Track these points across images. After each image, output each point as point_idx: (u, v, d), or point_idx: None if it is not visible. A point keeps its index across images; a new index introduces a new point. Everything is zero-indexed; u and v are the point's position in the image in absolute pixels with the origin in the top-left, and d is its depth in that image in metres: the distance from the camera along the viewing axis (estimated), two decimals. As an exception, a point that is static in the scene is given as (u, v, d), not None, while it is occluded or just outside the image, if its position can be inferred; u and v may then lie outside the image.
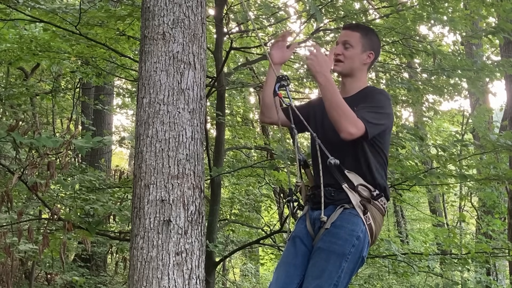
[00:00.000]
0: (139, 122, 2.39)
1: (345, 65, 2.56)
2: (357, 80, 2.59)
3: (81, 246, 8.26)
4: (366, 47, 2.59)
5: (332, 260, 2.34)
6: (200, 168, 2.38)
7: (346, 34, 2.59)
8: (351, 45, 2.56)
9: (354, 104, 2.44)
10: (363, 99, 2.47)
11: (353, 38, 2.57)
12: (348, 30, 2.62)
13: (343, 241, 2.35)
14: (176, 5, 2.43)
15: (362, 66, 2.59)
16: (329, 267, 2.32)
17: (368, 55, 2.60)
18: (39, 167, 4.41)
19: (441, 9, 5.18)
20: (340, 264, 2.33)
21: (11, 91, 6.85)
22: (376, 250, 6.11)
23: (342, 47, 2.57)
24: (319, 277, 2.32)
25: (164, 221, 2.24)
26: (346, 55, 2.55)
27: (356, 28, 2.63)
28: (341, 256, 2.34)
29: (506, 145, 4.50)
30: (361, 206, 2.40)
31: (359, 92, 2.56)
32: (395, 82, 6.37)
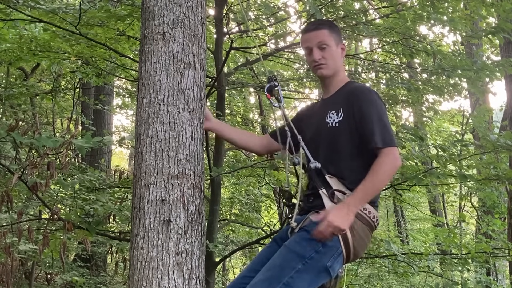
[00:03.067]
0: (139, 122, 2.39)
1: (330, 66, 2.51)
2: (339, 76, 2.56)
3: (81, 246, 8.27)
4: (337, 40, 2.54)
5: (289, 258, 2.25)
6: (200, 168, 2.38)
7: (315, 36, 2.51)
8: (326, 44, 2.49)
9: (340, 101, 2.44)
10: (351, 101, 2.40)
11: (324, 37, 2.50)
12: (314, 31, 2.53)
13: (306, 243, 2.25)
14: (176, 5, 2.43)
15: (340, 61, 2.56)
16: (284, 263, 2.24)
17: (341, 47, 2.56)
18: (39, 167, 4.40)
19: (441, 9, 5.18)
20: (295, 265, 2.22)
21: (11, 91, 6.85)
22: (376, 250, 6.11)
23: (318, 50, 2.50)
24: (269, 270, 2.26)
25: (164, 221, 2.24)
26: (326, 56, 2.50)
27: (321, 26, 2.54)
28: (300, 257, 2.23)
29: (506, 145, 4.50)
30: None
31: (342, 88, 2.53)
32: (395, 82, 6.37)
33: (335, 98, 2.50)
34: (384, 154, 2.27)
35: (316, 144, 2.47)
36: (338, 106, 2.44)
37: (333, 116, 2.45)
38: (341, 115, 2.42)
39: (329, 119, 2.45)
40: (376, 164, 2.26)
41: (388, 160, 2.26)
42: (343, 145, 2.40)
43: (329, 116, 2.46)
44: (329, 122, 2.45)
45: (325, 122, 2.46)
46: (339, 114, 2.43)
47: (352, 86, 2.52)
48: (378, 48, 6.50)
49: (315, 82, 7.08)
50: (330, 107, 2.49)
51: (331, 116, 2.45)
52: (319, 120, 2.51)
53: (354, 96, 2.41)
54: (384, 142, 2.29)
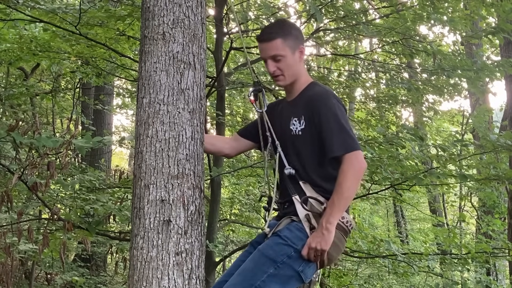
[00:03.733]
0: (139, 122, 2.39)
1: (287, 77, 2.46)
2: (300, 81, 2.50)
3: (81, 246, 8.27)
4: (293, 46, 2.45)
5: (261, 261, 2.27)
6: (200, 168, 2.38)
7: (269, 48, 2.43)
8: (280, 55, 2.42)
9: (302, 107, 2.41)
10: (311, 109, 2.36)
11: (277, 48, 2.42)
12: (266, 42, 2.44)
13: (279, 248, 2.28)
14: (176, 5, 2.43)
15: (300, 65, 2.49)
16: (256, 268, 2.26)
17: (300, 51, 2.47)
18: (39, 167, 4.40)
19: (441, 9, 5.18)
20: (267, 269, 2.24)
21: (11, 91, 6.85)
22: (376, 250, 6.12)
23: (273, 62, 2.43)
24: (241, 274, 2.29)
25: (164, 221, 2.24)
26: (281, 67, 2.44)
27: (274, 35, 2.43)
28: (272, 261, 2.25)
29: (506, 145, 4.51)
30: (307, 221, 2.29)
31: (304, 91, 2.47)
32: (395, 82, 6.37)
33: (297, 104, 2.46)
34: (346, 161, 2.25)
35: (284, 148, 2.46)
36: (300, 114, 2.42)
37: (296, 124, 2.43)
38: (303, 123, 2.40)
39: (292, 126, 2.43)
40: (340, 174, 2.25)
41: (350, 166, 2.24)
42: (309, 154, 2.39)
43: (292, 123, 2.44)
44: (293, 129, 2.43)
45: (289, 129, 2.44)
46: (301, 122, 2.41)
47: (312, 91, 2.44)
48: (378, 48, 6.50)
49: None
50: (293, 113, 2.46)
51: (294, 123, 2.43)
52: (284, 125, 2.48)
53: (313, 104, 2.37)
54: (343, 149, 2.27)
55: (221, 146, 2.76)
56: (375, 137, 5.07)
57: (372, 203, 11.29)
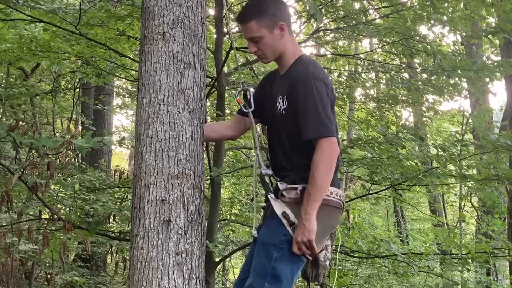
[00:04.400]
0: (139, 122, 2.39)
1: (268, 55, 2.47)
2: (288, 54, 2.48)
3: (81, 246, 8.26)
4: (271, 24, 2.41)
5: (262, 251, 2.33)
6: (200, 168, 2.38)
7: (245, 30, 2.44)
8: (257, 36, 2.41)
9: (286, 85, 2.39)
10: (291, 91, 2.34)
11: (253, 31, 2.41)
12: (243, 24, 2.45)
13: (273, 230, 2.33)
14: (176, 5, 2.43)
15: (282, 41, 2.45)
16: (261, 259, 2.32)
17: (280, 27, 2.43)
18: (39, 167, 4.41)
19: (441, 9, 5.18)
20: (271, 255, 2.29)
21: (11, 91, 6.85)
22: (376, 250, 6.11)
23: (252, 44, 2.45)
24: (254, 270, 2.34)
25: (164, 221, 2.24)
26: (260, 47, 2.44)
27: (249, 18, 2.42)
28: (271, 246, 2.31)
29: (506, 145, 4.50)
30: (285, 218, 2.32)
31: (292, 68, 2.44)
32: (395, 82, 6.37)
33: (283, 81, 2.45)
34: (317, 147, 2.25)
35: (270, 128, 2.48)
36: (284, 93, 2.41)
37: (280, 102, 2.42)
38: (285, 103, 2.40)
39: (278, 104, 2.44)
40: (312, 164, 2.25)
41: (322, 154, 2.24)
42: (290, 137, 2.39)
43: (278, 101, 2.44)
44: (278, 107, 2.43)
45: (275, 106, 2.45)
46: (285, 101, 2.40)
47: (295, 71, 2.41)
48: (378, 48, 6.50)
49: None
50: (279, 90, 2.45)
51: (279, 101, 2.43)
52: (271, 102, 2.48)
53: (293, 84, 2.36)
54: (315, 133, 2.26)
55: (223, 131, 2.79)
56: (375, 137, 5.06)
57: (372, 203, 11.29)
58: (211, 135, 2.69)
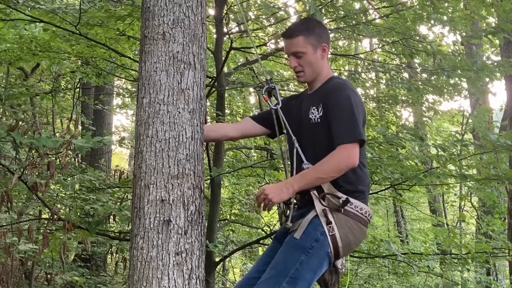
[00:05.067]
0: (139, 122, 2.39)
1: (307, 73, 2.54)
2: (321, 75, 2.56)
3: (81, 246, 8.26)
4: (316, 43, 2.52)
5: (291, 251, 2.33)
6: (200, 168, 2.38)
7: (291, 44, 2.50)
8: (302, 52, 2.49)
9: (320, 97, 2.47)
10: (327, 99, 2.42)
11: (299, 45, 2.49)
12: (289, 39, 2.51)
13: (305, 234, 2.32)
14: (176, 5, 2.43)
15: (321, 62, 2.56)
16: (287, 258, 2.31)
17: (323, 48, 2.55)
18: (39, 167, 4.40)
19: (441, 9, 5.18)
20: (298, 257, 2.29)
21: (11, 91, 6.85)
22: (376, 250, 6.11)
23: (294, 58, 2.51)
24: (274, 268, 2.33)
25: (164, 221, 2.24)
26: (302, 64, 2.51)
27: (297, 33, 2.50)
28: (301, 248, 2.31)
29: (506, 145, 4.51)
30: (324, 216, 2.33)
31: (324, 84, 2.54)
32: (395, 82, 6.37)
33: (318, 94, 2.53)
34: (340, 148, 2.31)
35: (303, 140, 2.50)
36: (318, 102, 2.47)
37: (314, 112, 2.48)
38: (321, 111, 2.45)
39: (312, 115, 2.48)
40: (328, 156, 2.31)
41: (339, 155, 2.30)
42: (327, 142, 2.40)
43: (311, 112, 2.49)
44: (312, 118, 2.48)
45: (308, 118, 2.50)
46: (319, 109, 2.46)
47: (332, 83, 2.52)
48: (378, 48, 6.50)
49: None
50: (312, 102, 2.51)
51: (313, 112, 2.48)
52: (304, 116, 2.53)
53: (330, 93, 2.45)
54: (341, 138, 2.32)
55: (225, 131, 2.81)
56: (375, 137, 5.07)
57: (372, 203, 11.27)
58: (211, 134, 2.72)
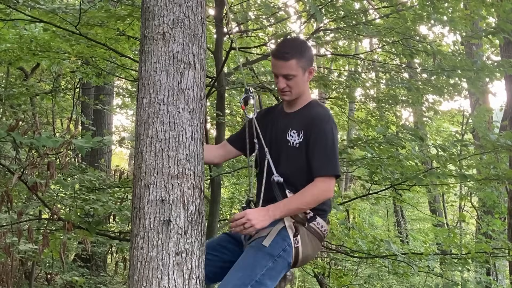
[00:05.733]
0: (139, 122, 2.39)
1: (293, 93, 2.59)
2: (303, 97, 2.64)
3: (81, 246, 8.26)
4: (306, 67, 2.58)
5: (259, 257, 2.38)
6: (200, 168, 2.38)
7: (283, 67, 2.52)
8: (293, 75, 2.53)
9: (301, 122, 2.53)
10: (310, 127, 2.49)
11: (291, 69, 2.52)
12: (282, 61, 2.52)
13: (274, 242, 2.40)
14: (176, 5, 2.43)
15: (306, 84, 2.63)
16: (255, 263, 2.36)
17: (309, 71, 2.61)
18: (39, 167, 4.40)
19: (441, 9, 5.18)
20: (265, 263, 2.36)
21: (11, 91, 6.85)
22: (376, 250, 6.11)
23: (284, 79, 2.53)
24: (242, 270, 2.36)
25: (164, 221, 2.24)
26: (291, 85, 2.54)
27: (290, 56, 2.52)
28: (269, 255, 2.38)
29: (506, 145, 4.51)
30: (293, 228, 2.44)
31: (305, 108, 2.60)
32: (395, 82, 6.37)
33: (298, 118, 2.58)
34: (320, 181, 2.43)
35: (275, 156, 2.56)
36: (300, 128, 2.54)
37: (294, 136, 2.55)
38: (301, 137, 2.53)
39: (290, 137, 2.55)
40: (308, 187, 2.43)
41: (320, 188, 2.43)
42: (302, 166, 2.50)
43: (290, 135, 2.56)
44: (290, 140, 2.55)
45: (285, 139, 2.56)
46: (300, 135, 2.53)
47: (314, 111, 2.58)
48: (378, 48, 6.50)
49: (314, 82, 7.08)
50: (292, 125, 2.57)
51: (292, 135, 2.55)
52: (280, 134, 2.58)
53: (314, 124, 2.51)
54: (322, 171, 2.44)
55: (209, 156, 2.82)
56: (375, 137, 5.07)
57: (372, 203, 11.30)
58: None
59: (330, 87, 6.87)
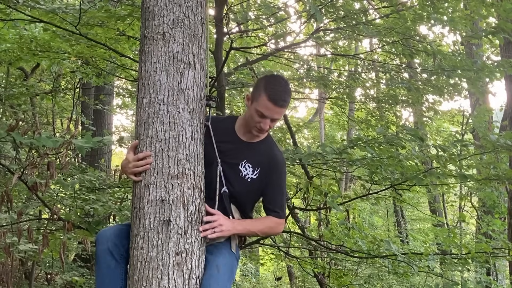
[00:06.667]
0: (139, 122, 2.39)
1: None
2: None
3: (81, 246, 8.25)
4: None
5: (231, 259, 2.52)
6: (200, 168, 2.38)
7: (280, 113, 2.51)
8: (279, 118, 2.59)
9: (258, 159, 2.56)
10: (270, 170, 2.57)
11: (282, 113, 2.56)
12: (281, 108, 2.50)
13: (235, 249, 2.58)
14: (176, 5, 2.43)
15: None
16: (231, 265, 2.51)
17: None
18: (39, 167, 4.40)
19: (441, 9, 5.18)
20: (236, 264, 2.58)
21: (11, 91, 6.85)
22: (376, 250, 6.11)
23: (271, 123, 2.52)
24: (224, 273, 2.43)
25: (164, 221, 2.25)
26: (272, 126, 2.55)
27: (286, 104, 2.54)
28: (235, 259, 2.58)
29: (506, 145, 4.50)
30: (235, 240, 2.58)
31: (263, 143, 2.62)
32: (395, 82, 6.37)
33: (256, 153, 2.58)
34: (276, 221, 2.63)
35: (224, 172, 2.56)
36: (256, 165, 2.57)
37: (248, 169, 2.56)
38: (256, 174, 2.57)
39: (243, 169, 2.56)
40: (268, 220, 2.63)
41: (276, 225, 2.66)
42: (249, 199, 2.63)
43: (244, 166, 2.56)
44: (243, 172, 2.56)
45: (237, 169, 2.55)
46: (255, 172, 2.56)
47: (274, 153, 2.62)
48: (378, 48, 6.50)
49: (315, 82, 7.08)
50: (248, 157, 2.57)
51: (247, 168, 2.56)
52: (232, 160, 2.56)
53: (275, 169, 2.61)
54: (281, 214, 2.65)
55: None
56: (375, 137, 5.06)
57: (372, 203, 11.29)
58: None
59: (330, 87, 6.88)
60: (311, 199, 5.75)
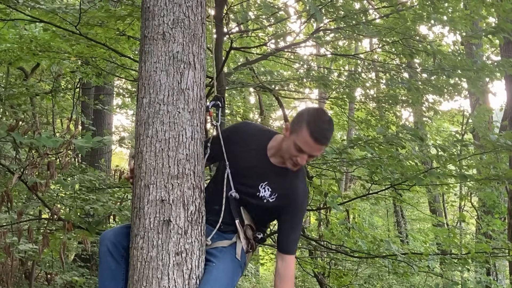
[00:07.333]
0: (139, 122, 2.39)
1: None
2: None
3: (81, 246, 8.26)
4: None
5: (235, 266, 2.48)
6: (200, 168, 2.38)
7: (319, 149, 2.42)
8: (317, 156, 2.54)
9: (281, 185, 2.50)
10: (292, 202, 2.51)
11: (322, 150, 2.50)
12: (322, 145, 2.41)
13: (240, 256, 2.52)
14: (176, 5, 2.43)
15: None
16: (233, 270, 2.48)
17: None
18: (39, 167, 4.40)
19: (441, 9, 5.18)
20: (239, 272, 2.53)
21: (11, 91, 6.85)
22: (376, 250, 6.11)
23: (309, 158, 2.45)
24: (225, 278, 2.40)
25: (164, 221, 2.25)
26: (308, 161, 2.49)
27: (328, 142, 2.46)
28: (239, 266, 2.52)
29: (506, 145, 4.50)
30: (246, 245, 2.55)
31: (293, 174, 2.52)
32: (395, 82, 6.37)
33: (280, 178, 2.52)
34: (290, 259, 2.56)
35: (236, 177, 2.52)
36: (277, 191, 2.51)
37: (266, 192, 2.51)
38: (274, 199, 2.51)
39: (262, 190, 2.51)
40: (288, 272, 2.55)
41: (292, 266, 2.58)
42: (263, 217, 2.60)
43: (263, 188, 2.51)
44: (261, 192, 2.51)
45: (257, 188, 2.51)
46: (273, 196, 2.51)
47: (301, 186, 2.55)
48: (378, 48, 6.50)
49: (315, 82, 7.08)
50: (270, 179, 2.52)
51: (265, 189, 2.51)
52: (254, 177, 2.53)
53: (297, 202, 2.53)
54: (293, 251, 2.58)
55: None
56: (375, 137, 5.06)
57: (372, 203, 11.29)
58: None
59: (330, 87, 6.88)
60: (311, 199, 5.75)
